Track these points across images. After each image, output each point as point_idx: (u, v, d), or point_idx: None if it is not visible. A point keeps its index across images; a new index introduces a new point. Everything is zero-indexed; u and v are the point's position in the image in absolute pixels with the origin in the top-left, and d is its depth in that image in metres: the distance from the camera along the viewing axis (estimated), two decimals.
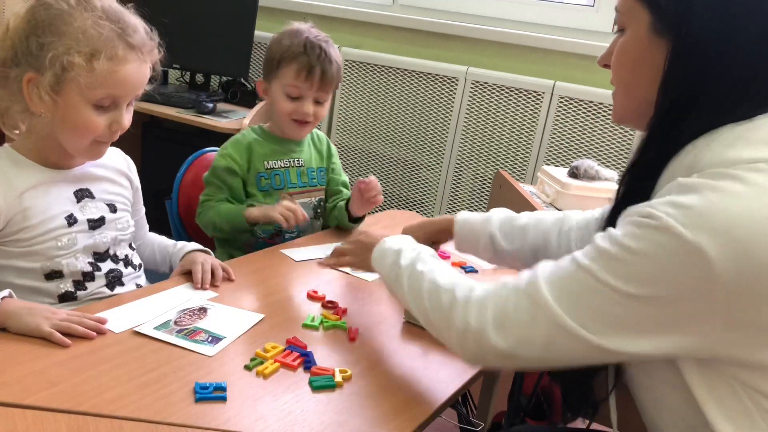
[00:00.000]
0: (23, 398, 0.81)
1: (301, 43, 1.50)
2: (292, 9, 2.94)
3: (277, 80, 1.53)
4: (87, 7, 1.04)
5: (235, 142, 1.55)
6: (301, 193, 1.60)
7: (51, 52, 1.01)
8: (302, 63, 1.49)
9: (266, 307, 1.16)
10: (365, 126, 2.81)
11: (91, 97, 1.04)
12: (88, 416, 0.80)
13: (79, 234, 1.13)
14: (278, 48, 1.52)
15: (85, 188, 1.17)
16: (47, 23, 1.02)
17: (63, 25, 1.02)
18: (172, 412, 0.83)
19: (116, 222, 1.20)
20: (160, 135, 2.91)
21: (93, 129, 1.07)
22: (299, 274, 1.34)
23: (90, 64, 1.01)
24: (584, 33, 2.51)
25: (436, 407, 0.94)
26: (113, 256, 1.19)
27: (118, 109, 1.09)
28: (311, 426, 0.85)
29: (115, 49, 1.04)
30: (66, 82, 1.02)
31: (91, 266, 1.14)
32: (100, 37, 1.03)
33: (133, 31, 1.07)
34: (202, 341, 1.00)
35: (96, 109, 1.06)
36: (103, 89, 1.04)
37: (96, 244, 1.15)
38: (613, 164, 2.38)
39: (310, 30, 1.54)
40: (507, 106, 2.52)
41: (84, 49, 1.01)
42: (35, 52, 1.02)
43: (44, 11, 1.03)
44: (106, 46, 1.03)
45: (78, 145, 1.10)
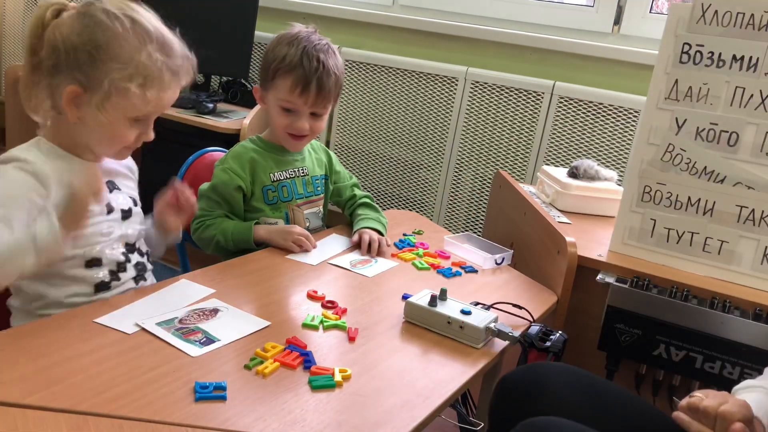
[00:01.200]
0: (23, 398, 0.81)
1: (298, 54, 1.42)
2: (292, 9, 2.94)
3: (273, 91, 1.46)
4: (143, 37, 1.06)
5: (236, 155, 1.49)
6: (308, 203, 1.58)
7: (109, 76, 1.04)
8: (297, 77, 1.41)
9: (266, 306, 1.16)
10: (365, 126, 2.81)
11: (131, 114, 1.09)
12: (88, 416, 0.80)
13: (114, 223, 1.17)
14: (274, 57, 1.44)
15: (112, 180, 1.21)
16: (103, 43, 1.04)
17: (120, 51, 1.04)
18: (172, 411, 0.83)
19: (139, 215, 1.24)
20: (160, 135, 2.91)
21: (125, 139, 1.12)
22: (299, 274, 1.34)
23: (142, 91, 1.06)
24: (584, 33, 2.52)
25: (436, 407, 0.94)
26: (139, 249, 1.22)
27: (148, 123, 1.14)
28: (311, 425, 0.85)
29: (162, 79, 1.08)
30: (113, 102, 1.06)
31: (124, 256, 1.18)
32: (153, 67, 1.07)
33: (176, 57, 1.11)
34: (194, 341, 1.00)
35: (132, 123, 1.11)
36: (141, 111, 1.09)
37: (128, 235, 1.19)
38: (613, 164, 2.38)
39: (310, 37, 1.46)
40: (507, 106, 2.52)
41: (139, 78, 1.05)
42: (86, 70, 1.04)
43: (99, 30, 1.04)
44: (157, 77, 1.07)
45: (107, 151, 1.16)
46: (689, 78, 1.48)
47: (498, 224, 2.01)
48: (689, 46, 1.47)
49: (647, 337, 1.39)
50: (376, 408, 0.91)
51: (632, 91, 2.36)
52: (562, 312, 1.44)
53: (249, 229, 1.44)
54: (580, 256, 1.45)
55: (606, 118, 2.38)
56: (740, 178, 1.44)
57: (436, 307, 1.16)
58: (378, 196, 2.82)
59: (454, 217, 2.70)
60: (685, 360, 1.36)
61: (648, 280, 1.42)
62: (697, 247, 1.49)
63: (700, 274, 1.48)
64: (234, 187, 1.46)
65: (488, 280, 1.46)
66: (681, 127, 1.49)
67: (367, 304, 1.23)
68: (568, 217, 1.77)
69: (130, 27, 1.06)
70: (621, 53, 2.40)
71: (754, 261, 1.44)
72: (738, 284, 1.45)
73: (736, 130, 1.44)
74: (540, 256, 1.59)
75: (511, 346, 1.15)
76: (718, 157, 1.46)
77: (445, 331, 1.14)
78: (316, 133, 1.52)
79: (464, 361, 1.07)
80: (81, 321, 1.01)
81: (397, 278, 1.38)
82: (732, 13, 1.42)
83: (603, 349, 1.45)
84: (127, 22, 1.06)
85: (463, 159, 2.64)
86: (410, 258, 1.49)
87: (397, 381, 0.99)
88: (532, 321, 1.25)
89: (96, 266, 1.13)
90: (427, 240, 1.64)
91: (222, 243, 1.44)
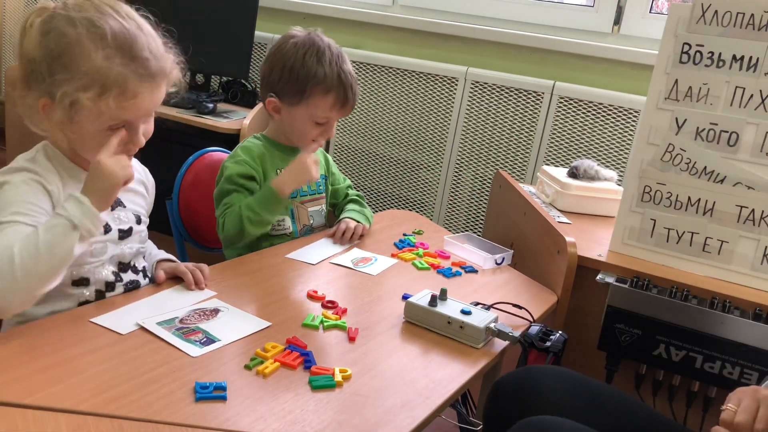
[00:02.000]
0: (23, 398, 0.81)
1: (334, 73, 1.45)
2: (292, 9, 2.94)
3: (305, 107, 1.47)
4: (97, 38, 0.99)
5: (246, 149, 1.50)
6: (312, 201, 1.60)
7: (61, 89, 0.99)
8: (338, 96, 1.46)
9: (266, 306, 1.16)
10: (365, 126, 2.81)
11: (102, 125, 1.03)
12: (88, 416, 0.80)
13: (110, 243, 1.13)
14: (306, 74, 1.44)
15: (118, 197, 1.16)
16: (57, 54, 0.99)
17: (73, 61, 0.99)
18: (172, 411, 0.83)
19: (140, 234, 1.20)
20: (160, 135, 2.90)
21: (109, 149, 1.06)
22: (299, 274, 1.34)
23: (98, 101, 0.99)
24: (584, 33, 2.52)
25: (436, 407, 0.94)
26: (134, 267, 1.19)
27: (133, 130, 1.07)
28: (311, 425, 0.85)
29: (125, 86, 1.00)
30: (77, 113, 1.01)
31: (114, 276, 1.14)
32: (110, 75, 0.99)
33: (146, 59, 1.03)
34: (195, 341, 1.00)
35: (110, 132, 1.04)
36: (113, 119, 1.03)
37: (123, 255, 1.15)
38: (612, 164, 2.38)
39: (331, 48, 1.49)
40: (507, 106, 2.52)
41: (94, 87, 0.99)
42: (47, 81, 1.00)
43: (55, 39, 1.00)
44: (116, 83, 1.00)
45: None
46: (689, 78, 1.48)
47: (498, 224, 2.01)
48: (689, 46, 1.47)
49: (647, 337, 1.39)
50: (376, 408, 0.91)
51: (632, 91, 2.36)
52: (562, 312, 1.44)
53: (269, 187, 1.41)
54: (580, 256, 1.45)
55: (606, 118, 2.38)
56: (740, 178, 1.44)
57: (436, 307, 1.16)
58: (378, 196, 2.82)
59: (454, 217, 2.70)
60: (685, 360, 1.36)
61: (648, 280, 1.42)
62: (697, 247, 1.49)
63: (700, 274, 1.48)
64: (248, 176, 1.46)
65: (488, 280, 1.46)
66: (681, 127, 1.49)
67: (367, 304, 1.23)
68: (568, 217, 1.77)
69: (85, 33, 0.99)
70: (621, 53, 2.40)
71: (754, 261, 1.44)
72: (738, 284, 1.45)
73: (736, 130, 1.44)
74: (540, 256, 1.59)
75: (511, 346, 1.15)
76: (718, 157, 1.46)
77: (445, 331, 1.15)
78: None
79: (464, 361, 1.07)
80: (81, 321, 1.01)
81: (397, 278, 1.38)
82: (732, 13, 1.42)
83: (603, 349, 1.45)
84: (82, 28, 0.99)
85: (463, 159, 2.64)
86: (410, 258, 1.49)
87: (397, 381, 0.99)
88: (532, 321, 1.26)
89: (83, 285, 1.10)
90: (427, 240, 1.64)
91: (251, 216, 1.39)
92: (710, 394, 1.39)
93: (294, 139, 1.54)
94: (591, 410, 1.07)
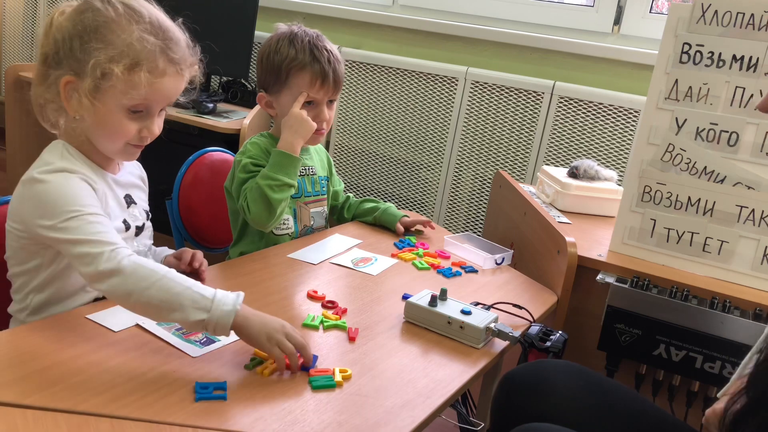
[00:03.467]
0: (23, 398, 0.81)
1: (306, 49, 1.44)
2: (292, 9, 2.94)
3: (287, 91, 1.47)
4: (135, 17, 1.05)
5: (254, 143, 1.51)
6: (315, 201, 1.60)
7: (94, 58, 1.01)
8: (315, 71, 1.44)
9: (266, 306, 1.16)
10: (365, 126, 2.81)
11: (126, 103, 1.05)
12: (89, 416, 0.80)
13: (128, 240, 1.14)
14: (281, 58, 1.45)
15: (129, 194, 1.18)
16: (93, 29, 1.03)
17: (109, 33, 1.03)
18: (172, 411, 0.83)
19: (149, 229, 1.22)
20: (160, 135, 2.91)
21: (125, 133, 1.08)
22: (299, 274, 1.34)
23: (129, 74, 1.02)
24: (584, 33, 2.52)
25: (436, 407, 0.94)
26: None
27: (150, 116, 1.10)
28: (311, 425, 0.85)
29: (155, 63, 1.05)
30: (105, 88, 1.03)
31: None
32: (143, 50, 1.03)
33: (176, 45, 1.08)
34: (195, 341, 1.00)
35: (129, 114, 1.07)
36: (138, 97, 1.05)
37: (138, 251, 1.17)
38: (613, 164, 2.38)
39: (306, 31, 1.49)
40: (507, 106, 2.52)
41: (125, 60, 1.02)
42: (78, 56, 1.03)
43: (92, 16, 1.03)
44: (147, 59, 1.04)
45: (111, 148, 1.11)
46: (689, 78, 1.48)
47: (498, 224, 2.01)
48: (689, 46, 1.47)
49: (647, 337, 1.39)
50: (376, 408, 0.91)
51: (632, 91, 2.36)
52: (562, 312, 1.44)
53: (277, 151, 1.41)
54: (580, 256, 1.45)
55: (606, 118, 2.38)
56: (740, 178, 1.44)
57: (437, 307, 1.16)
58: (378, 196, 2.82)
59: (454, 217, 2.70)
60: (685, 360, 1.36)
61: (648, 280, 1.42)
62: (697, 247, 1.49)
63: (700, 274, 1.48)
64: (261, 165, 1.45)
65: (488, 280, 1.46)
66: (681, 127, 1.49)
67: (367, 304, 1.23)
68: (568, 217, 1.77)
69: (123, 11, 1.04)
70: (621, 53, 2.40)
71: (754, 261, 1.44)
72: (738, 284, 1.45)
73: (736, 130, 1.44)
74: (540, 256, 1.59)
75: (511, 346, 1.15)
76: (718, 157, 1.46)
77: (446, 331, 1.14)
78: (330, 122, 1.55)
79: (464, 361, 1.07)
80: (81, 321, 1.01)
81: (397, 278, 1.38)
82: (732, 13, 1.42)
83: (603, 349, 1.45)
84: (120, 7, 1.05)
85: (463, 159, 2.64)
86: (410, 258, 1.49)
87: (397, 381, 0.99)
88: (532, 321, 1.26)
89: None
90: (427, 240, 1.64)
91: (270, 183, 1.38)
92: (710, 394, 1.39)
93: None
94: (601, 406, 1.07)
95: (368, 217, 1.69)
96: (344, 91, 2.80)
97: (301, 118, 1.44)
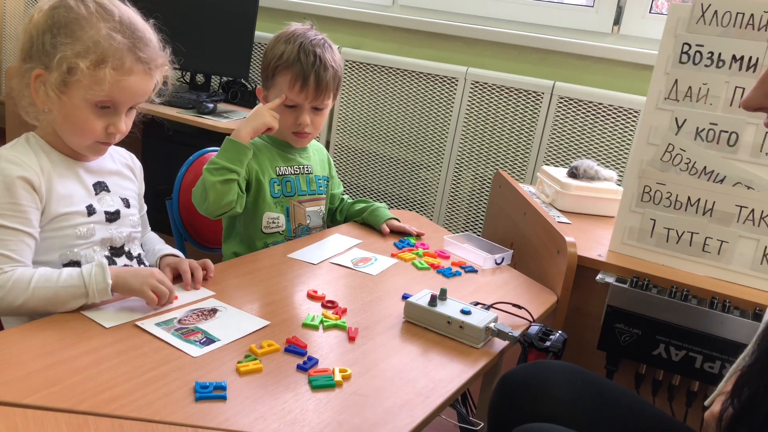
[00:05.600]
0: (23, 398, 0.81)
1: (295, 50, 1.44)
2: (292, 9, 2.94)
3: (274, 89, 1.49)
4: (105, 16, 1.08)
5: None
6: (310, 201, 1.60)
7: (61, 52, 1.05)
8: (296, 72, 1.44)
9: (266, 306, 1.16)
10: (365, 126, 2.81)
11: (92, 98, 1.08)
12: (89, 416, 0.80)
13: (97, 225, 1.15)
14: (272, 55, 1.47)
15: (102, 181, 1.20)
16: (63, 24, 1.06)
17: (78, 30, 1.06)
18: (172, 411, 0.83)
19: (130, 217, 1.23)
20: (160, 135, 2.91)
21: (91, 129, 1.11)
22: (299, 273, 1.34)
23: (95, 70, 1.06)
24: (584, 33, 2.52)
25: (435, 407, 0.94)
26: (128, 253, 1.21)
27: (117, 114, 1.12)
28: (311, 425, 0.85)
29: (122, 60, 1.08)
30: (71, 83, 1.06)
31: (108, 261, 1.16)
32: (110, 48, 1.07)
33: (145, 45, 1.11)
34: (195, 341, 1.00)
35: (96, 110, 1.10)
36: (103, 94, 1.08)
37: (112, 238, 1.18)
38: (612, 164, 2.38)
39: (306, 33, 1.49)
40: (507, 106, 2.52)
41: (91, 56, 1.05)
42: (48, 50, 1.06)
43: (64, 12, 1.07)
44: (113, 56, 1.07)
45: (79, 144, 1.14)
46: (689, 78, 1.48)
47: (498, 224, 2.01)
48: (689, 46, 1.47)
49: (647, 337, 1.39)
50: (376, 408, 0.91)
51: (632, 91, 2.36)
52: (561, 312, 1.44)
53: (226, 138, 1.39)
54: (579, 256, 1.45)
55: (606, 118, 2.38)
56: (740, 178, 1.44)
57: (436, 306, 1.16)
58: (378, 196, 2.82)
59: (454, 217, 2.70)
60: (685, 360, 1.36)
61: (648, 280, 1.42)
62: (696, 247, 1.49)
63: (700, 274, 1.48)
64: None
65: (488, 280, 1.46)
66: (681, 127, 1.49)
67: (367, 304, 1.23)
68: (567, 217, 1.77)
69: (94, 9, 1.08)
70: (621, 53, 2.40)
71: (753, 261, 1.44)
72: (738, 284, 1.45)
73: (736, 130, 1.44)
74: (540, 256, 1.59)
75: (511, 346, 1.15)
76: (718, 157, 1.46)
77: (445, 331, 1.15)
78: (318, 128, 1.54)
79: (464, 361, 1.07)
80: (81, 321, 1.01)
81: (397, 278, 1.38)
82: (732, 13, 1.42)
83: (603, 349, 1.45)
84: (92, 6, 1.08)
85: (463, 159, 2.64)
86: (410, 258, 1.49)
87: (397, 381, 0.99)
88: (532, 321, 1.26)
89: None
90: (427, 240, 1.64)
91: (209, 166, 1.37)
92: (710, 394, 1.39)
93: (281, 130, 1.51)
94: (598, 408, 1.07)
95: (358, 218, 1.69)
96: (344, 91, 2.80)
97: (260, 112, 1.43)
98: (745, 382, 0.83)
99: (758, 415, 0.79)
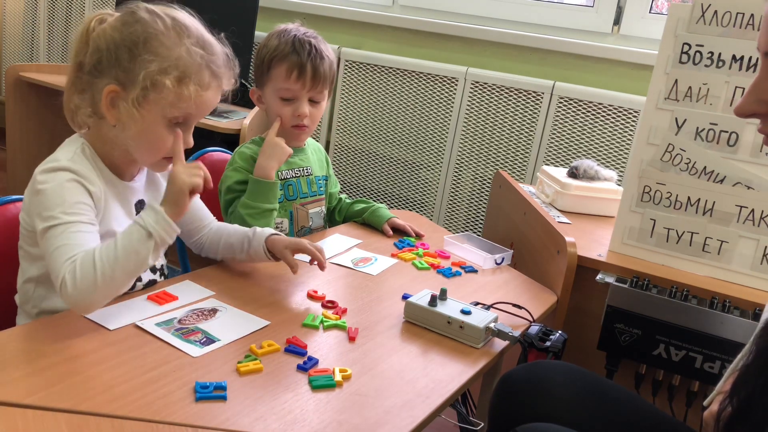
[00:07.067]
0: (23, 398, 0.81)
1: (289, 41, 1.46)
2: (293, 9, 2.94)
3: (269, 84, 1.48)
4: (182, 32, 1.07)
5: (241, 154, 1.50)
6: (312, 202, 1.60)
7: (144, 69, 1.03)
8: (292, 62, 1.45)
9: (266, 306, 1.16)
10: (365, 126, 2.81)
11: (169, 114, 1.07)
12: (89, 416, 0.80)
13: None
14: (266, 50, 1.48)
15: (142, 199, 1.19)
16: (143, 40, 1.04)
17: (159, 46, 1.05)
18: (172, 411, 0.83)
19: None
20: None
21: (164, 146, 1.09)
22: (299, 274, 1.33)
23: (179, 87, 1.05)
24: (584, 33, 2.52)
25: (436, 407, 0.94)
26: (152, 267, 1.20)
27: (187, 129, 1.11)
28: (311, 425, 0.85)
29: (202, 76, 1.07)
30: (152, 99, 1.05)
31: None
32: (193, 63, 1.06)
33: (217, 59, 1.11)
34: (195, 341, 1.00)
35: (170, 126, 1.08)
36: (184, 109, 1.07)
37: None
38: (613, 164, 2.38)
39: (298, 28, 1.50)
40: (507, 106, 2.52)
41: (175, 72, 1.04)
42: (126, 66, 1.04)
43: (141, 28, 1.05)
44: (195, 72, 1.06)
45: (149, 159, 1.12)
46: (689, 78, 1.48)
47: (498, 224, 2.01)
48: (689, 46, 1.47)
49: (647, 337, 1.39)
50: (376, 408, 0.91)
51: (632, 91, 2.36)
52: (561, 312, 1.44)
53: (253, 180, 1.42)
54: (579, 256, 1.45)
55: (606, 118, 2.38)
56: (740, 178, 1.44)
57: (436, 307, 1.16)
58: (378, 196, 2.82)
59: (454, 217, 2.70)
60: (685, 360, 1.36)
61: (648, 280, 1.43)
62: (696, 247, 1.49)
63: (700, 274, 1.48)
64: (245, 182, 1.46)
65: (488, 280, 1.46)
66: (681, 127, 1.49)
67: (367, 304, 1.23)
68: (567, 217, 1.77)
69: (171, 24, 1.07)
70: (621, 53, 2.40)
71: (753, 261, 1.44)
72: (738, 284, 1.45)
73: (736, 130, 1.44)
74: (540, 256, 1.59)
75: (511, 346, 1.15)
76: (718, 157, 1.46)
77: (445, 331, 1.15)
78: (315, 122, 1.54)
79: (464, 361, 1.07)
80: (81, 321, 1.01)
81: (397, 278, 1.38)
82: (732, 13, 1.42)
83: (603, 349, 1.45)
84: (168, 20, 1.07)
85: (463, 159, 2.64)
86: (410, 258, 1.49)
87: (397, 381, 0.99)
88: (532, 321, 1.26)
89: None
90: (427, 240, 1.64)
91: (250, 211, 1.40)
92: (710, 394, 1.39)
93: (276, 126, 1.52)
94: (598, 408, 1.07)
95: (358, 218, 1.69)
96: (344, 91, 2.80)
97: (274, 143, 1.45)
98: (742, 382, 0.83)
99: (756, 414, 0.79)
